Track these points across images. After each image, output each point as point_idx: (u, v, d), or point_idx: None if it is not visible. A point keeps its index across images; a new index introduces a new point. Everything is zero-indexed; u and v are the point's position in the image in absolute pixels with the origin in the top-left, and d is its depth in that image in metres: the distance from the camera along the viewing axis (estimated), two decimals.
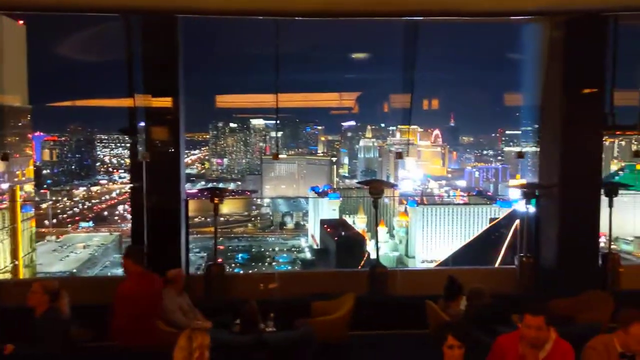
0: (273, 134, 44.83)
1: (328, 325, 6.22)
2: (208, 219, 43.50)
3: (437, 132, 43.31)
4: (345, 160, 45.14)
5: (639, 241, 36.52)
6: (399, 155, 40.08)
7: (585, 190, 9.24)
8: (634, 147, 38.39)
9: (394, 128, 43.49)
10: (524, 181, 19.36)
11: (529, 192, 9.50)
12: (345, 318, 6.40)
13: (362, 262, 38.49)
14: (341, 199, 43.33)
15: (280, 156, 45.76)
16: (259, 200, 44.64)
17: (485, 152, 43.25)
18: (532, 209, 9.81)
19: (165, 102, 8.38)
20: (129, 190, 8.60)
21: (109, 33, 9.05)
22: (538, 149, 10.26)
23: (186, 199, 8.68)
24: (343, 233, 40.95)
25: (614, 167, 39.02)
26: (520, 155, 11.16)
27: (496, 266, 10.55)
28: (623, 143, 38.51)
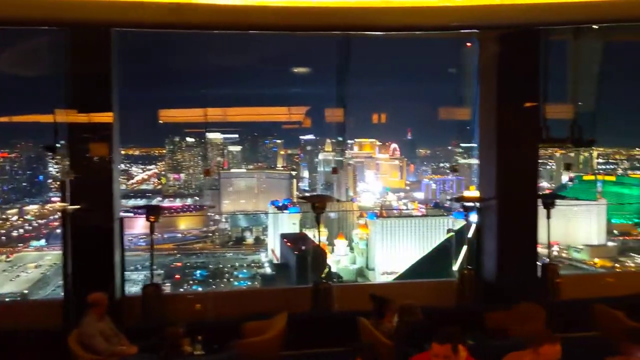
0: (231, 147, 44.48)
1: (259, 346, 6.07)
2: (165, 236, 42.76)
3: (394, 145, 43.74)
4: (305, 173, 45.06)
5: (589, 249, 37.47)
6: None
7: (523, 202, 9.38)
8: (581, 158, 39.67)
9: (352, 141, 43.72)
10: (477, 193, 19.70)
11: (468, 206, 9.59)
12: (278, 338, 6.26)
13: (323, 275, 38.34)
14: (301, 212, 43.16)
15: (239, 170, 45.43)
16: (217, 215, 44.09)
17: (441, 164, 43.86)
18: (473, 221, 9.92)
19: (98, 117, 8.14)
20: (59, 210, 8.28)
21: (41, 47, 8.76)
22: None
23: (120, 217, 8.40)
24: (304, 247, 40.74)
25: (565, 178, 40.09)
26: (454, 169, 11.35)
27: (435, 280, 10.58)
28: (572, 154, 39.63)
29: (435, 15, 7.17)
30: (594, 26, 8.31)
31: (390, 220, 41.71)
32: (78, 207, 7.56)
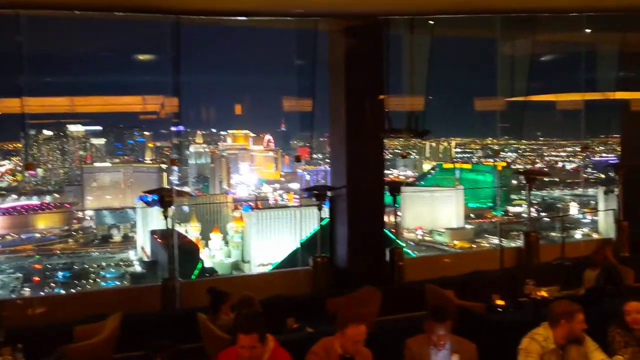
0: (94, 140, 41.85)
1: (87, 350, 5.69)
2: (23, 236, 39.27)
3: (269, 137, 43.71)
4: (176, 167, 43.49)
5: (450, 232, 40.21)
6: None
7: (370, 191, 9.75)
8: (441, 148, 42.39)
9: (225, 133, 43.02)
10: None
11: (320, 194, 9.78)
12: (108, 341, 5.92)
13: (196, 271, 37.58)
14: (173, 207, 41.69)
15: (103, 164, 42.94)
16: (80, 213, 41.30)
17: (315, 155, 44.53)
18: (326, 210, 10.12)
19: None
20: None
21: None
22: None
23: None
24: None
25: (427, 166, 42.63)
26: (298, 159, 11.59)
27: (293, 268, 10.73)
28: (434, 144, 42.24)
29: (275, 1, 7.13)
30: (430, 21, 8.79)
31: (266, 212, 41.71)
32: None
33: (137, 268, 41.52)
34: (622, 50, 10.76)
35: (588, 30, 9.74)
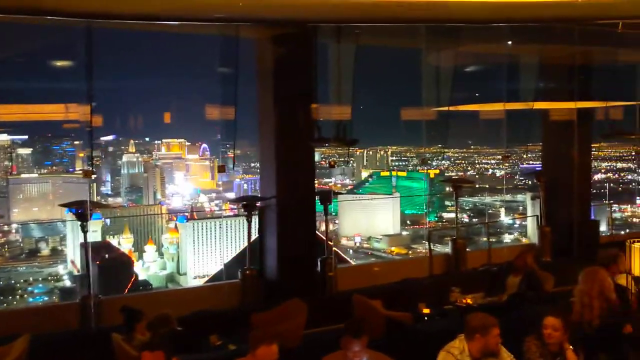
0: (20, 150, 39.84)
1: None
2: None
3: (204, 145, 42.97)
4: (107, 177, 42.12)
5: (387, 239, 40.78)
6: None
7: (300, 200, 9.61)
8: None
9: (159, 142, 41.97)
10: None
11: (249, 205, 9.57)
12: None
13: (129, 284, 36.41)
14: (104, 219, 40.33)
15: (30, 175, 40.94)
16: (5, 226, 39.18)
17: (253, 164, 44.13)
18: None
19: None
20: None
21: None
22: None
23: None
24: (107, 255, 38.22)
25: (364, 174, 43.12)
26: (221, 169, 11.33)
27: (220, 282, 10.45)
28: (371, 153, 42.78)
29: (195, 6, 6.89)
30: (356, 30, 8.81)
31: (202, 223, 40.90)
32: None
33: (67, 283, 39.76)
34: (541, 62, 11.19)
35: (509, 42, 10.09)
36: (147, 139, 44.04)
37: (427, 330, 6.47)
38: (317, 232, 10.55)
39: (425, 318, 7.25)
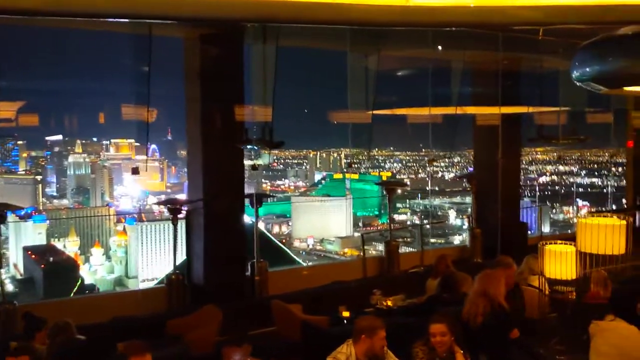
0: None
1: None
2: None
3: (154, 146, 42.15)
4: (53, 178, 40.90)
5: (340, 240, 40.99)
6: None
7: (229, 203, 9.43)
8: (342, 158, 43.12)
9: (108, 142, 41.01)
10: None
11: (174, 209, 9.34)
12: None
13: (75, 288, 35.47)
14: (49, 221, 39.17)
15: None
16: None
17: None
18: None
19: None
20: None
21: None
22: None
23: None
24: (52, 259, 37.15)
25: (317, 177, 43.23)
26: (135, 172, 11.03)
27: (145, 287, 10.17)
28: (324, 155, 42.89)
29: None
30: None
31: (151, 225, 40.14)
32: None
33: (9, 287, 38.34)
34: (465, 67, 11.36)
35: (440, 47, 10.19)
36: (94, 139, 42.96)
37: (343, 334, 6.44)
38: (270, 234, 10.40)
39: (345, 321, 7.21)
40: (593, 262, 6.88)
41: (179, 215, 9.63)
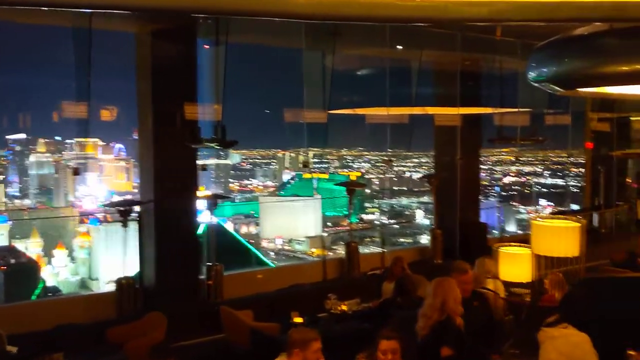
0: None
1: None
2: None
3: (120, 145, 41.28)
4: (15, 177, 39.75)
5: (308, 240, 40.64)
6: (76, 172, 36.96)
7: (181, 204, 9.16)
8: (301, 158, 42.85)
9: (73, 141, 39.96)
10: (208, 193, 19.57)
11: (124, 210, 9.02)
12: None
13: (37, 291, 34.55)
14: (10, 222, 38.03)
15: None
16: None
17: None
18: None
19: None
20: None
21: None
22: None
23: None
24: (13, 261, 36.10)
25: (286, 177, 42.87)
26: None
27: (95, 292, 9.82)
28: (293, 155, 42.60)
29: None
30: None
31: (116, 226, 39.08)
32: None
33: None
34: (425, 67, 11.29)
35: (400, 47, 10.08)
36: (58, 137, 41.82)
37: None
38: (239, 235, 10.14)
39: (295, 327, 7.01)
40: (549, 264, 6.81)
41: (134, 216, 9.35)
